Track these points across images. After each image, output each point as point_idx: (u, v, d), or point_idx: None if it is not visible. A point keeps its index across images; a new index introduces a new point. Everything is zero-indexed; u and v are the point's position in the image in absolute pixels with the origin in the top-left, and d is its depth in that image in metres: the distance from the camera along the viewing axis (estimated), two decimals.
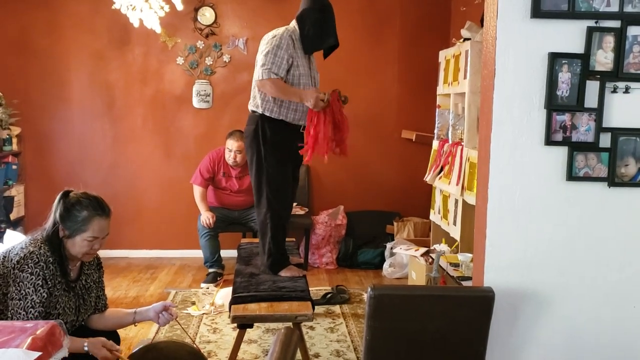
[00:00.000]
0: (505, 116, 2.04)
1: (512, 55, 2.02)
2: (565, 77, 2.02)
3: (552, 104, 2.04)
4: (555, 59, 2.01)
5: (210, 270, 4.78)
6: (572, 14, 2.00)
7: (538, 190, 2.08)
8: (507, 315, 2.11)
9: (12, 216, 4.89)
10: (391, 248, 5.01)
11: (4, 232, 4.19)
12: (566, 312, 2.12)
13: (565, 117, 2.05)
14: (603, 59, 2.03)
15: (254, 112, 3.30)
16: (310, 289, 3.20)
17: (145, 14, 3.87)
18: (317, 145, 3.14)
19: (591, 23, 2.01)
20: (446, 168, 4.38)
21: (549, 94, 2.03)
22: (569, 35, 2.02)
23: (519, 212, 2.08)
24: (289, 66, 3.18)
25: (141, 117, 5.44)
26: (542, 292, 2.11)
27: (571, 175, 2.07)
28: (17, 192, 5.14)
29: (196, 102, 5.44)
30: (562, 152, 2.07)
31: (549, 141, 2.06)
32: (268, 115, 3.22)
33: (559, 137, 2.05)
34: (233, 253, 4.51)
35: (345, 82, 5.31)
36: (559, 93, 2.03)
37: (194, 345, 2.89)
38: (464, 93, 4.10)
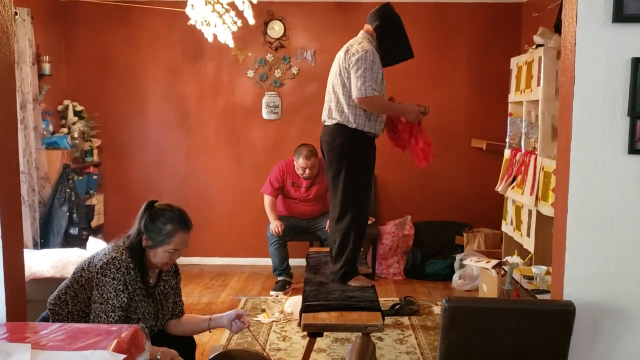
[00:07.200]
0: (586, 124, 1.98)
1: (593, 61, 1.96)
2: None
3: (636, 111, 1.95)
4: (639, 64, 1.93)
5: (279, 278, 4.84)
6: None
7: (621, 201, 2.00)
8: (588, 331, 2.03)
9: (93, 224, 5.14)
10: (461, 259, 4.92)
11: (86, 239, 4.41)
12: None
13: None
14: None
15: (339, 124, 3.27)
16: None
17: (219, 29, 3.98)
18: (425, 152, 3.37)
19: None
20: (519, 178, 4.27)
21: (632, 100, 1.95)
22: None
23: (600, 223, 2.00)
24: None
25: (213, 128, 5.60)
26: (625, 307, 2.02)
27: None
28: (97, 200, 5.39)
29: (265, 114, 5.55)
30: None
31: (633, 150, 1.97)
32: (360, 129, 3.23)
33: None
34: (301, 261, 4.56)
35: (413, 90, 5.28)
36: None
37: (265, 353, 2.94)
38: (537, 100, 3.99)
